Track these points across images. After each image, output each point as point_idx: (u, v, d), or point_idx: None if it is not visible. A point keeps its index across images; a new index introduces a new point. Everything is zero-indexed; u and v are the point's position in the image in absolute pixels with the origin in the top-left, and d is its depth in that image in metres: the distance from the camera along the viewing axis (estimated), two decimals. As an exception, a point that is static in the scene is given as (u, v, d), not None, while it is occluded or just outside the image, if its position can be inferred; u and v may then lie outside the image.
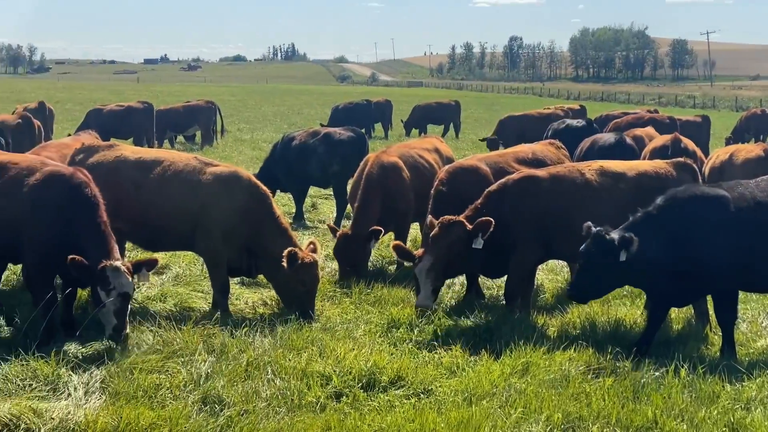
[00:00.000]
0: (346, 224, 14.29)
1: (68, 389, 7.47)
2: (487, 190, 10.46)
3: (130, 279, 8.61)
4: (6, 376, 7.61)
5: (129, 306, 8.68)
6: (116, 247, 8.85)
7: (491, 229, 9.81)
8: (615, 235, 8.75)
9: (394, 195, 12.40)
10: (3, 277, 10.42)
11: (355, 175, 13.08)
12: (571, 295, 9.32)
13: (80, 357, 8.26)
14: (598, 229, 8.83)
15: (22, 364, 7.82)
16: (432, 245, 10.10)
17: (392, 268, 12.90)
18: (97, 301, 8.60)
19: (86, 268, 8.49)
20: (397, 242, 10.95)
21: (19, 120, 20.35)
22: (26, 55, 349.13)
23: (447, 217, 10.07)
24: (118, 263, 8.52)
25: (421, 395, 7.74)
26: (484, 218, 9.86)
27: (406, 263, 11.38)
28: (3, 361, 7.91)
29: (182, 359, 8.14)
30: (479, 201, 10.28)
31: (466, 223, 9.99)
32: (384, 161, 12.60)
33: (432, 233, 10.13)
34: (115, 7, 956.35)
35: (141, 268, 8.81)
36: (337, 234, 12.08)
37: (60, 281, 9.48)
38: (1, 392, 7.38)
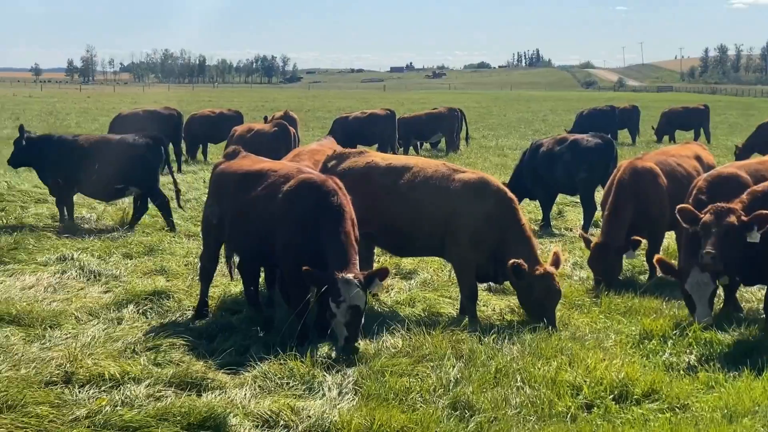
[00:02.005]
0: (594, 232, 14.02)
1: (323, 389, 7.70)
2: (751, 188, 9.92)
3: (362, 292, 8.64)
4: (266, 375, 7.95)
5: (362, 318, 8.74)
6: (355, 259, 8.92)
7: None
8: None
9: (647, 200, 12.03)
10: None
11: (608, 182, 12.79)
12: None
13: (333, 358, 8.51)
14: None
15: (280, 364, 8.14)
16: (704, 234, 9.58)
17: (643, 277, 12.52)
18: (329, 312, 8.72)
19: (318, 279, 8.69)
20: (660, 256, 10.49)
21: (275, 128, 21.23)
22: (279, 65, 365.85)
23: (718, 204, 9.55)
24: (349, 276, 8.58)
25: (677, 410, 7.44)
26: (762, 211, 9.28)
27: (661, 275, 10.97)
28: (263, 360, 8.26)
29: (431, 364, 8.22)
30: (744, 197, 9.72)
31: (741, 213, 9.41)
32: (638, 166, 12.26)
33: (703, 219, 9.58)
34: (363, 18, 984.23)
35: (374, 279, 8.80)
36: (591, 244, 11.86)
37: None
38: (261, 389, 7.72)
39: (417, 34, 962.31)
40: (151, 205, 15.99)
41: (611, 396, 7.63)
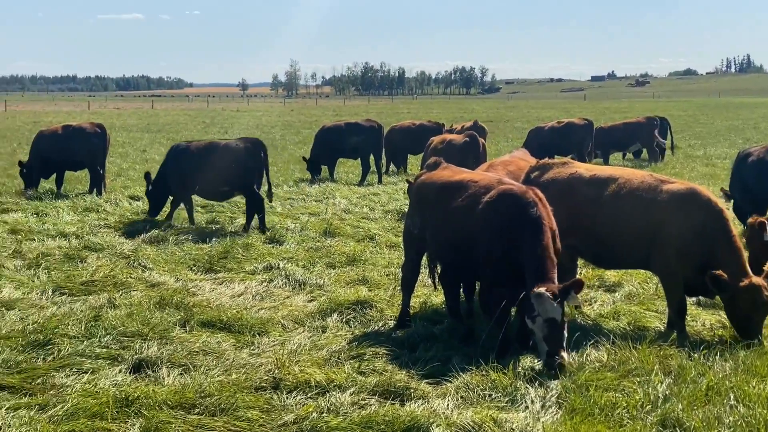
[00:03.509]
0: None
1: (525, 402, 7.61)
2: None
3: (556, 305, 8.44)
4: (468, 385, 7.92)
5: (562, 332, 8.52)
6: (552, 272, 8.74)
7: None
8: None
9: None
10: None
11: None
12: None
13: (535, 370, 8.40)
14: None
15: (483, 375, 8.10)
16: None
17: None
18: (527, 328, 8.63)
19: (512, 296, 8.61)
20: None
21: (466, 138, 21.18)
22: (478, 76, 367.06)
23: None
24: (542, 289, 8.43)
25: None
26: None
27: None
28: (465, 371, 8.24)
29: (638, 379, 7.97)
30: None
31: None
32: None
33: None
34: (562, 27, 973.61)
35: (569, 291, 8.57)
36: None
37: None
38: (463, 400, 7.70)
39: (619, 41, 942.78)
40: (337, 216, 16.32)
41: (834, 418, 7.18)
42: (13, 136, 45.75)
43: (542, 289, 8.42)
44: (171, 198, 17.82)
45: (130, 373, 8.39)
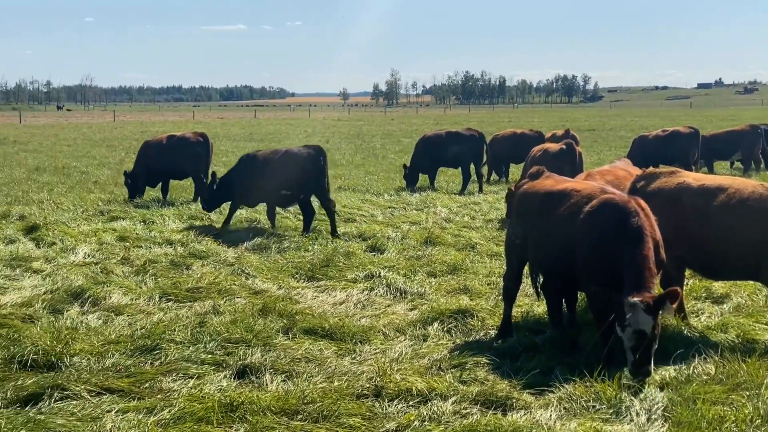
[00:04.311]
0: None
1: (630, 414, 7.48)
2: None
3: (648, 316, 8.21)
4: (571, 396, 7.83)
5: (651, 344, 8.24)
6: (651, 282, 8.54)
7: None
8: None
9: None
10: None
11: None
12: None
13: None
14: None
15: (586, 386, 8.01)
16: None
17: None
18: (616, 334, 8.42)
19: (607, 300, 8.45)
20: None
21: (562, 147, 20.93)
22: (580, 84, 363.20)
23: None
24: (636, 299, 8.23)
25: None
26: None
27: None
28: (568, 382, 8.16)
29: (747, 393, 7.75)
30: None
31: None
32: None
33: None
34: (667, 34, 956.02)
35: (664, 302, 8.31)
36: None
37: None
38: (566, 411, 7.61)
39: (727, 48, 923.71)
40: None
41: None
42: (121, 145, 47.02)
43: (637, 299, 8.26)
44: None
45: (234, 378, 8.52)
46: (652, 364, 8.27)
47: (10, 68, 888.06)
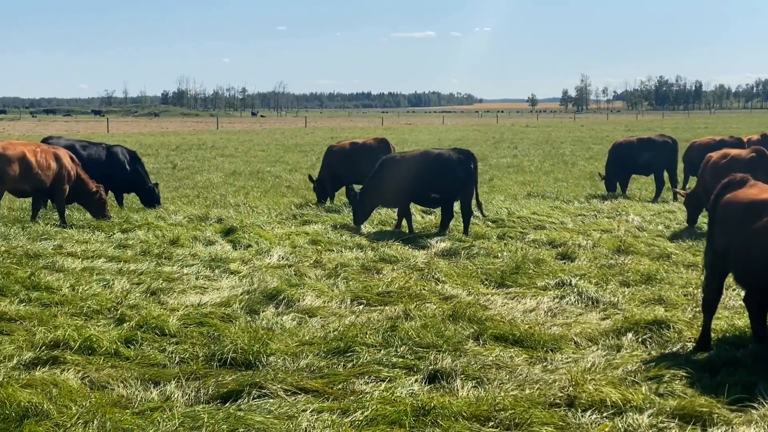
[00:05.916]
0: None
1: None
2: None
3: None
4: None
5: None
6: None
7: None
8: None
9: None
10: None
11: None
12: None
13: None
14: None
15: None
16: None
17: None
18: None
19: None
20: None
21: (753, 153, 19.87)
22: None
23: None
24: None
25: None
26: None
27: None
28: None
29: None
30: None
31: None
32: None
33: None
34: None
35: None
36: None
37: None
38: (771, 430, 7.27)
39: None
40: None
41: None
42: (312, 150, 48.19)
43: None
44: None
45: (425, 383, 8.54)
46: None
47: (209, 76, 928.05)
